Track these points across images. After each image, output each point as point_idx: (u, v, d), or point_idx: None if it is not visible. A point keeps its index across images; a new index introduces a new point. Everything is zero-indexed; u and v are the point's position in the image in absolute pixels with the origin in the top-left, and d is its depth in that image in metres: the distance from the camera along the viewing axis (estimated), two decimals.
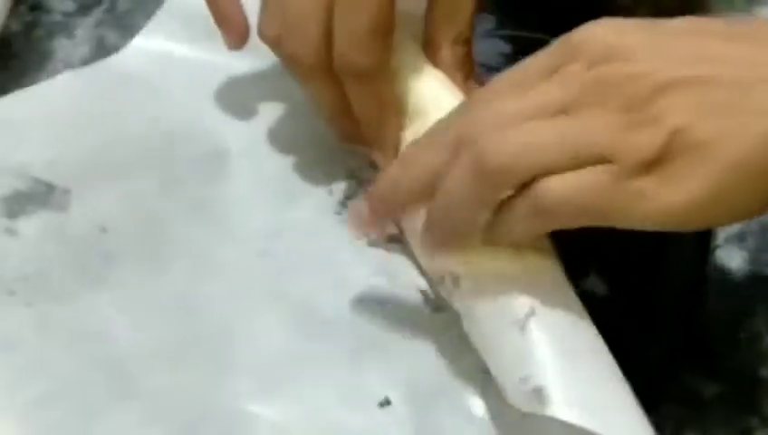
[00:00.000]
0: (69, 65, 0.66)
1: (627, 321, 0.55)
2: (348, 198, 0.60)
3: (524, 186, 0.48)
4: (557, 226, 0.50)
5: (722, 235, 0.59)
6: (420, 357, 0.54)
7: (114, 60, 0.65)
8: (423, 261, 0.56)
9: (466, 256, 0.53)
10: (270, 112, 0.62)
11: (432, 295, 0.56)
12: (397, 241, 0.58)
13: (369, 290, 0.57)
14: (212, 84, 0.63)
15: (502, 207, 0.49)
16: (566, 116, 0.48)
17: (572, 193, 0.47)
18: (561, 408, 0.47)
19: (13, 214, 0.57)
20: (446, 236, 0.52)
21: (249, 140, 0.61)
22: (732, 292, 0.58)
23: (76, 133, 0.60)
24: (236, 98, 0.63)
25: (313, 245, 0.58)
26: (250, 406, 0.53)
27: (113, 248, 0.58)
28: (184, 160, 0.60)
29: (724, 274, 0.58)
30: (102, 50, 0.67)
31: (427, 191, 0.51)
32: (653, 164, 0.46)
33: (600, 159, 0.47)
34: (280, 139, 0.61)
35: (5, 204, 0.58)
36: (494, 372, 0.51)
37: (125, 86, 0.63)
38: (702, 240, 0.58)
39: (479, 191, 0.49)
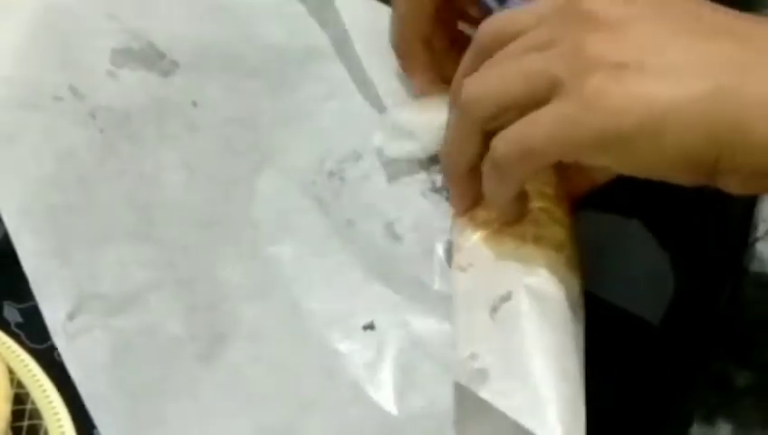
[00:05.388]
0: None
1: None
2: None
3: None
4: (515, 180, 0.50)
5: (762, 227, 0.58)
6: (419, 301, 0.55)
7: None
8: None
9: (471, 233, 0.53)
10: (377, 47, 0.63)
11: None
12: None
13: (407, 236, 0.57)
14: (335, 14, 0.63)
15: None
16: (538, 52, 0.48)
17: (514, 144, 0.48)
18: (494, 395, 0.47)
19: (118, 64, 0.59)
20: (448, 177, 0.54)
21: (357, 69, 0.62)
22: None
23: (202, 22, 0.62)
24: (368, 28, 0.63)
25: (384, 176, 0.59)
26: (242, 302, 0.54)
27: (198, 121, 0.59)
28: (295, 73, 0.62)
29: (763, 265, 0.58)
30: None
31: None
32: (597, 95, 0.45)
33: (554, 90, 0.47)
34: (384, 71, 0.62)
35: (113, 54, 0.59)
36: (455, 342, 0.51)
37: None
38: (742, 231, 0.58)
39: (462, 130, 0.51)
